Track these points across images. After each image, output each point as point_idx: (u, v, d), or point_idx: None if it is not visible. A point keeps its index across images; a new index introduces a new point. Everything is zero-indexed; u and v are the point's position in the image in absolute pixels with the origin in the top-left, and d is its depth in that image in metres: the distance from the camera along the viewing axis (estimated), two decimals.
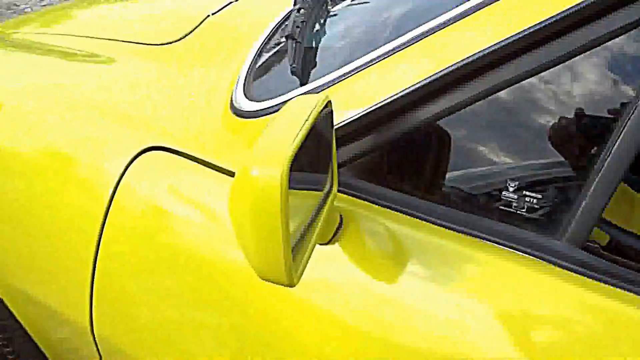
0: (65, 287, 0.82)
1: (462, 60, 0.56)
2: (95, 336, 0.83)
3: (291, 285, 0.47)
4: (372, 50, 0.66)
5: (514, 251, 0.57)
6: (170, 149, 0.76)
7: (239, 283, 0.66)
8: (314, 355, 0.62)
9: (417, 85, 0.58)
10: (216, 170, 0.71)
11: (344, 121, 0.63)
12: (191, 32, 1.06)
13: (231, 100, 0.83)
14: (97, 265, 0.78)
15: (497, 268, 0.58)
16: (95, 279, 0.79)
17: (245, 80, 0.85)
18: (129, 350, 0.81)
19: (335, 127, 0.59)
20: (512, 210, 0.59)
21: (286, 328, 0.63)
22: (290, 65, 0.74)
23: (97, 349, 0.85)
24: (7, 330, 1.02)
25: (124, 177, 0.77)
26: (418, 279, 0.59)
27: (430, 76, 0.58)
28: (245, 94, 0.81)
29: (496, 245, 0.58)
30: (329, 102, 0.54)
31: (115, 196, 0.77)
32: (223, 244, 0.68)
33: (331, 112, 0.55)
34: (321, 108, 0.51)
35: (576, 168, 0.60)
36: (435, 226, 0.61)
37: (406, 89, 0.59)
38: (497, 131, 0.63)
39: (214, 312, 0.70)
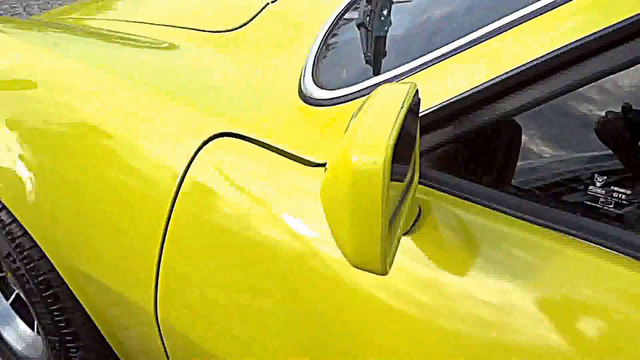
0: (131, 272, 0.83)
1: (548, 54, 0.55)
2: (159, 320, 0.84)
3: (384, 274, 0.46)
4: (452, 41, 0.64)
5: (599, 247, 0.56)
6: (239, 135, 0.76)
7: (309, 276, 0.66)
8: (386, 348, 0.61)
9: (501, 78, 0.57)
10: (288, 157, 0.71)
11: (423, 111, 0.62)
12: (251, 20, 1.06)
13: (300, 88, 0.82)
14: (163, 251, 0.79)
15: (580, 263, 0.56)
16: (161, 265, 0.80)
17: (313, 67, 0.85)
18: (191, 335, 0.81)
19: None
20: (598, 205, 0.57)
21: (359, 323, 0.63)
22: (364, 54, 0.73)
23: (160, 333, 0.86)
24: (67, 311, 1.05)
25: (192, 164, 0.77)
26: (494, 272, 0.57)
27: (515, 68, 0.56)
28: (314, 82, 0.80)
29: (579, 239, 0.56)
30: (417, 90, 0.53)
31: (183, 183, 0.77)
32: (291, 233, 0.68)
33: (418, 101, 0.54)
34: (412, 96, 0.50)
35: None
36: (515, 219, 0.59)
37: (489, 80, 0.58)
38: (583, 125, 0.62)
39: (281, 303, 0.70)
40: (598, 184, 0.58)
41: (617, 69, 0.53)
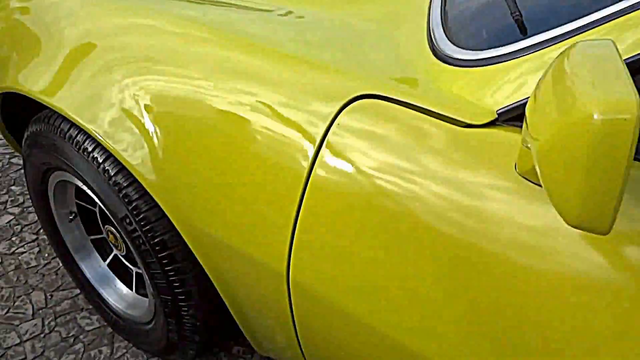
0: (264, 235, 0.84)
1: None
2: (290, 282, 0.85)
3: (606, 233, 0.46)
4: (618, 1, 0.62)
5: None
6: (382, 96, 0.75)
7: (467, 251, 0.66)
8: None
9: None
10: (437, 118, 0.70)
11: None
12: None
13: (432, 47, 0.81)
14: (300, 214, 0.79)
15: None
16: (297, 228, 0.80)
17: (443, 25, 0.83)
18: (324, 296, 0.82)
19: None
20: None
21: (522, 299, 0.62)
22: (512, 14, 0.71)
23: (288, 291, 0.87)
24: (182, 271, 1.07)
25: (330, 128, 0.77)
26: None
27: None
28: (451, 41, 0.79)
29: None
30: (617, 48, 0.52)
31: (321, 147, 0.77)
32: (443, 200, 0.67)
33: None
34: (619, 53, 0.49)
35: None
36: None
37: None
38: None
39: (429, 277, 0.70)
40: None
41: None
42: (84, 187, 1.18)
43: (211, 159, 0.88)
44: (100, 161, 1.05)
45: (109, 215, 1.13)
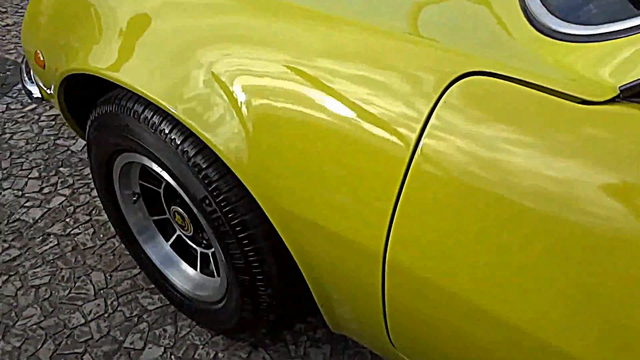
0: (361, 215, 0.83)
1: None
2: (387, 261, 0.85)
3: None
4: None
5: None
6: (492, 73, 0.74)
7: (593, 239, 0.65)
8: None
9: None
10: (554, 95, 0.69)
11: None
12: None
13: (533, 22, 0.79)
14: (402, 193, 0.79)
15: None
16: (398, 208, 0.80)
17: (542, 0, 0.81)
18: (422, 275, 0.82)
19: None
20: None
21: None
22: None
23: (383, 274, 0.87)
24: (261, 252, 1.08)
25: (436, 106, 0.76)
26: None
27: None
28: (557, 16, 0.77)
29: None
30: None
31: (427, 126, 0.76)
32: (563, 184, 0.66)
33: None
34: None
35: None
36: None
37: None
38: None
39: (542, 260, 0.69)
40: None
41: None
42: (158, 169, 1.17)
43: (305, 141, 0.87)
44: (179, 142, 1.05)
45: (186, 196, 1.13)
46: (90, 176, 1.94)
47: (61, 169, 2.00)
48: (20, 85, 2.46)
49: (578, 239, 0.66)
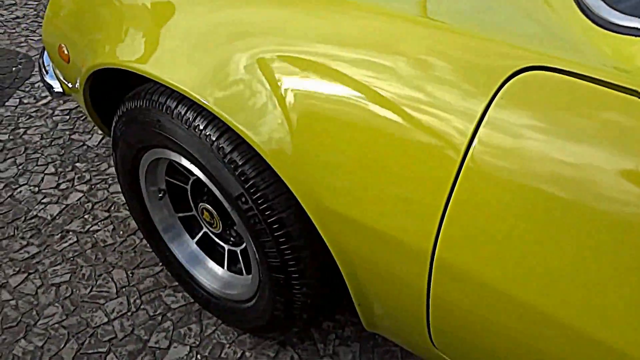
0: (410, 213, 0.81)
1: None
2: (435, 260, 0.83)
3: None
4: None
5: None
6: (550, 67, 0.71)
7: None
8: None
9: None
10: (620, 91, 0.66)
11: None
12: None
13: (588, 14, 0.76)
14: (455, 188, 0.76)
15: None
16: (449, 206, 0.78)
17: None
18: (474, 274, 0.80)
19: None
20: None
21: None
22: None
23: (430, 273, 0.85)
24: (298, 249, 1.05)
25: (492, 103, 0.73)
26: None
27: None
28: (616, 9, 0.75)
29: None
30: None
31: (481, 123, 0.73)
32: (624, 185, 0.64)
33: None
34: None
35: None
36: None
37: None
38: None
39: (597, 261, 0.67)
40: None
41: None
42: (189, 165, 1.15)
43: (351, 138, 0.84)
44: (214, 138, 1.02)
45: (220, 194, 1.10)
46: (107, 172, 1.92)
47: (77, 164, 1.98)
48: (32, 79, 2.43)
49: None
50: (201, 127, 1.03)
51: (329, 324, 1.46)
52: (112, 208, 1.79)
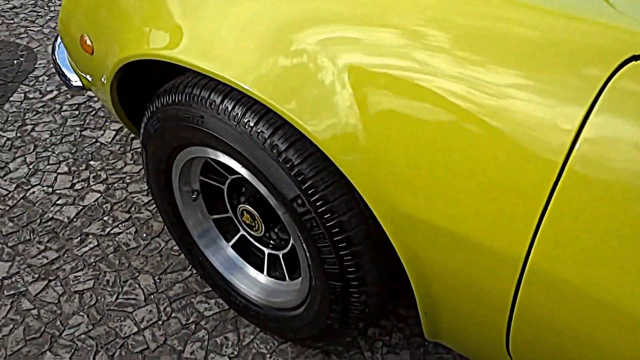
0: (502, 220, 0.73)
1: None
2: (527, 268, 0.75)
3: None
4: None
5: None
6: None
7: None
8: None
9: None
10: None
11: None
12: None
13: None
14: (554, 194, 0.68)
15: None
16: (547, 211, 0.70)
17: None
18: (571, 284, 0.72)
19: None
20: None
21: None
22: None
23: (519, 281, 0.77)
24: (358, 255, 0.97)
25: (600, 95, 0.65)
26: None
27: None
28: None
29: None
30: None
31: (587, 118, 0.65)
32: None
33: None
34: None
35: None
36: None
37: None
38: None
39: None
40: None
41: None
42: (235, 165, 1.05)
43: (431, 136, 0.75)
44: (267, 135, 0.93)
45: (271, 195, 1.01)
46: (124, 170, 1.82)
47: (91, 162, 1.87)
48: (36, 73, 2.31)
49: None
50: (251, 124, 0.94)
51: (375, 330, 1.37)
52: (133, 209, 1.69)
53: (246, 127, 0.95)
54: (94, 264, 1.53)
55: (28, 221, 1.66)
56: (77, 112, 2.10)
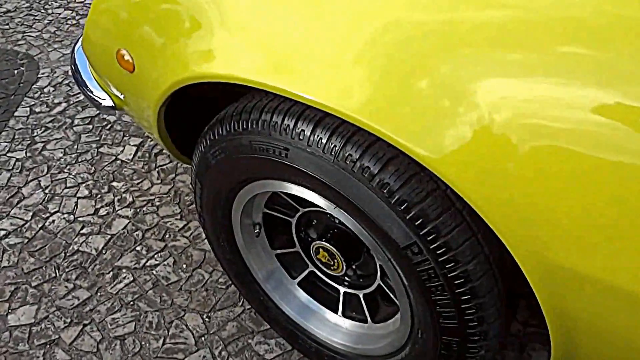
0: None
1: None
2: None
3: None
4: None
5: None
6: None
7: None
8: None
9: None
10: None
11: None
12: None
13: None
14: None
15: None
16: None
17: None
18: None
19: None
20: None
21: None
22: None
23: None
24: (482, 308, 0.83)
25: None
26: None
27: None
28: None
29: None
30: None
31: None
32: None
33: None
34: None
35: None
36: None
37: None
38: None
39: None
40: None
41: None
42: (320, 202, 0.89)
43: (594, 178, 0.61)
44: (375, 172, 0.76)
45: (379, 244, 0.85)
46: (151, 191, 1.64)
47: (114, 183, 1.69)
48: (40, 84, 2.11)
49: None
50: (355, 157, 0.77)
51: None
52: (167, 236, 1.51)
53: (347, 162, 0.78)
54: (132, 303, 1.36)
55: (51, 255, 1.47)
56: (90, 127, 1.91)
